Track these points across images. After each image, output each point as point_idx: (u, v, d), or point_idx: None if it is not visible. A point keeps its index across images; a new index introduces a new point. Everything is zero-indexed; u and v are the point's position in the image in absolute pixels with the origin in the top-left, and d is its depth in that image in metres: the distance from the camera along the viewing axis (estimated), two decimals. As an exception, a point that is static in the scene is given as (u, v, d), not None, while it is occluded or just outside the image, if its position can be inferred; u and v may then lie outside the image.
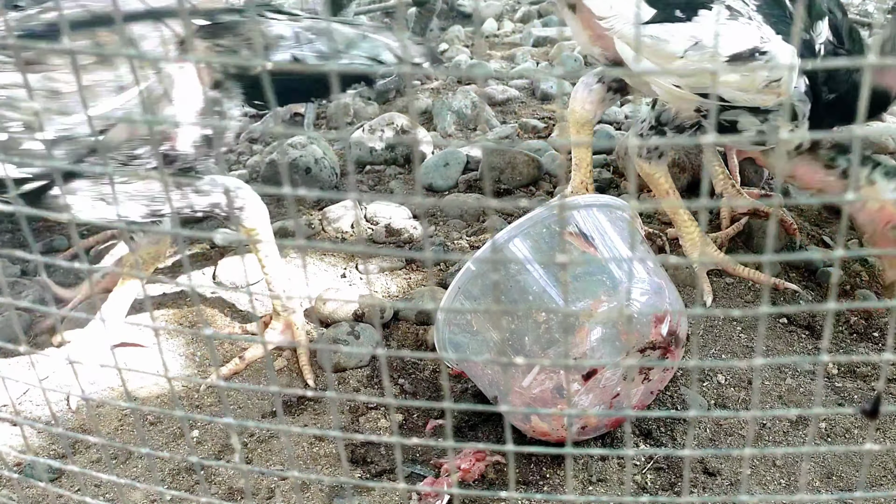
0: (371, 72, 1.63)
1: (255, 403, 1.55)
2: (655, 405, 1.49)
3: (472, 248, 2.03)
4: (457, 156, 2.39)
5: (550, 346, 1.28)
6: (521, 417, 1.36)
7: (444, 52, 3.58)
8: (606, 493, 1.31)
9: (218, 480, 1.37)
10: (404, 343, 1.70)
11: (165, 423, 1.50)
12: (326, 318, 1.72)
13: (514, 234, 1.33)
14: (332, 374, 1.48)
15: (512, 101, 2.93)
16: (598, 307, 1.28)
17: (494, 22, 4.08)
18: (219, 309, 1.82)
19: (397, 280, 1.92)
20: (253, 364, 1.65)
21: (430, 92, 2.96)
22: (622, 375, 1.32)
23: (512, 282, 1.32)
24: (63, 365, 1.58)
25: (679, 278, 1.82)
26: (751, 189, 2.16)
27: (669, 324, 1.33)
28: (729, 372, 1.58)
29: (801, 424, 1.48)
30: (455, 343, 1.38)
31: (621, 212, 1.40)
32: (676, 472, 1.36)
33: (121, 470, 1.39)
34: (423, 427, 1.48)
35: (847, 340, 1.70)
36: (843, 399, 1.54)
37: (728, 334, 1.69)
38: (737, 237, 1.99)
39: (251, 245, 1.60)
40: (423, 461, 1.42)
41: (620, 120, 2.74)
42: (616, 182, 2.33)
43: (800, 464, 1.39)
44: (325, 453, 1.42)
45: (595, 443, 1.43)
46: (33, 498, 1.32)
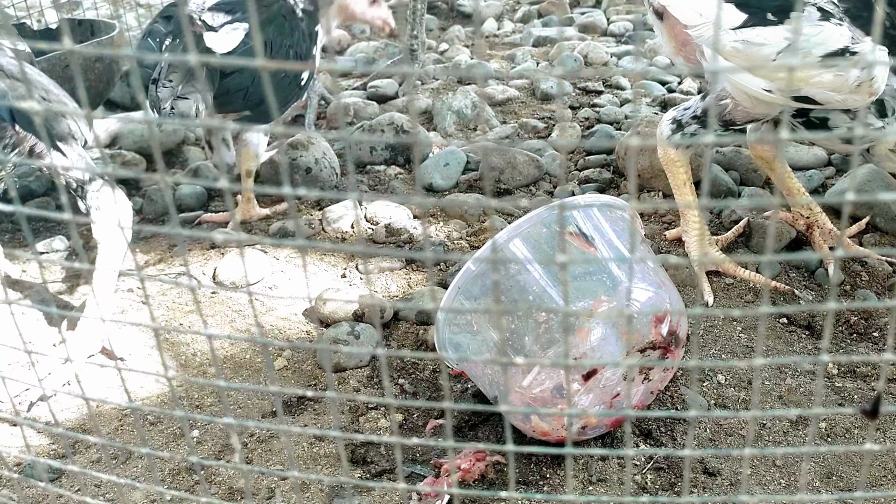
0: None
1: (255, 403, 1.55)
2: (655, 405, 1.49)
3: (472, 248, 2.03)
4: (457, 156, 2.39)
5: (550, 346, 1.28)
6: (521, 417, 1.36)
7: (444, 52, 3.58)
8: (606, 493, 1.31)
9: (218, 480, 1.37)
10: (404, 343, 1.70)
11: (165, 423, 1.50)
12: (326, 318, 1.72)
13: (514, 234, 1.33)
14: (332, 374, 1.48)
15: (512, 101, 2.93)
16: (598, 307, 1.28)
17: (494, 22, 4.08)
18: (219, 309, 1.82)
19: (397, 280, 1.92)
20: (253, 364, 1.65)
21: (430, 92, 2.96)
22: (622, 375, 1.32)
23: (512, 282, 1.32)
24: (61, 364, 1.58)
25: (679, 278, 1.82)
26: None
27: (669, 324, 1.33)
28: (729, 372, 1.58)
29: (801, 424, 1.48)
30: (455, 343, 1.38)
31: (621, 212, 1.40)
32: (676, 472, 1.36)
33: (121, 470, 1.39)
34: (423, 427, 1.48)
35: (847, 340, 1.70)
36: (843, 399, 1.54)
37: (728, 334, 1.69)
38: (737, 237, 1.99)
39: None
40: (423, 461, 1.42)
41: (620, 120, 2.74)
42: (616, 182, 2.33)
43: (800, 464, 1.39)
44: (325, 453, 1.42)
45: (595, 443, 1.43)
46: (33, 498, 1.32)
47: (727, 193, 2.18)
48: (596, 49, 3.34)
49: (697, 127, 1.72)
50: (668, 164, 1.80)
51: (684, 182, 1.79)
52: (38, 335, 1.74)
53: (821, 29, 1.49)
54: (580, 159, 2.49)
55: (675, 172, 1.79)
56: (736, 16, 1.55)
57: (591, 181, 2.34)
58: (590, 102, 2.94)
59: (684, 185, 1.79)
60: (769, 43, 1.51)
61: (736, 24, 1.54)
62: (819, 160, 2.35)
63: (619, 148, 2.37)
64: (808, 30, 1.50)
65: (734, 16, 1.55)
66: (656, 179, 2.23)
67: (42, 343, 1.71)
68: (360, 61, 3.37)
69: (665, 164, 1.80)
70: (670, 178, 1.81)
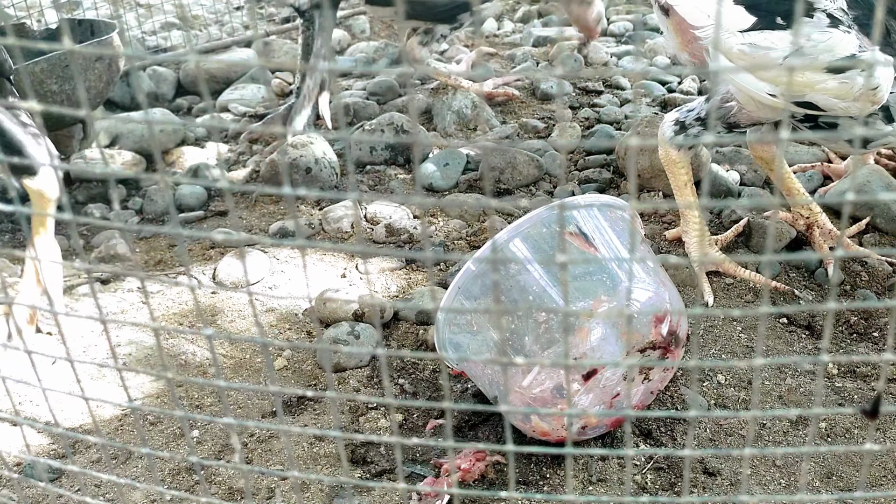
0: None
1: (255, 403, 1.55)
2: (655, 405, 1.49)
3: (472, 248, 2.03)
4: (457, 156, 2.39)
5: (550, 346, 1.28)
6: (521, 417, 1.36)
7: (444, 52, 3.58)
8: (606, 493, 1.31)
9: (218, 480, 1.37)
10: (404, 343, 1.70)
11: (165, 423, 1.50)
12: (326, 318, 1.72)
13: (514, 234, 1.33)
14: (332, 374, 1.48)
15: (512, 101, 2.93)
16: (598, 307, 1.28)
17: (494, 22, 4.08)
18: (219, 309, 1.82)
19: (397, 280, 1.92)
20: (253, 364, 1.65)
21: (430, 92, 2.96)
22: (622, 375, 1.32)
23: (512, 282, 1.32)
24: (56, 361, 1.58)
25: (679, 278, 1.82)
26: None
27: (669, 324, 1.33)
28: (729, 372, 1.58)
29: (801, 424, 1.48)
30: (455, 343, 1.38)
31: (621, 212, 1.40)
32: (676, 472, 1.36)
33: (121, 470, 1.39)
34: (423, 427, 1.48)
35: (847, 340, 1.70)
36: (843, 399, 1.54)
37: (728, 334, 1.69)
38: (736, 237, 1.99)
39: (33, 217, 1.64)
40: (423, 461, 1.42)
41: (620, 120, 2.74)
42: (616, 182, 2.33)
43: (800, 464, 1.39)
44: (325, 453, 1.42)
45: (595, 443, 1.43)
46: (33, 498, 1.32)
47: (727, 193, 2.18)
48: (596, 49, 3.34)
49: (701, 129, 1.72)
50: (669, 165, 1.80)
51: (685, 183, 1.79)
52: (37, 335, 1.74)
53: (829, 35, 1.48)
54: (580, 159, 2.49)
55: (676, 173, 1.79)
56: (745, 18, 1.54)
57: (591, 181, 2.34)
58: (590, 102, 2.93)
59: (685, 186, 1.79)
60: (776, 47, 1.51)
61: (744, 27, 1.54)
62: (819, 160, 2.35)
63: (619, 148, 2.37)
64: (817, 36, 1.49)
65: (743, 18, 1.55)
66: (656, 179, 2.23)
67: (41, 343, 1.71)
68: (360, 61, 3.36)
69: (666, 165, 1.80)
70: (671, 179, 1.81)
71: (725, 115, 1.68)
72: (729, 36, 1.56)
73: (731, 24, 1.56)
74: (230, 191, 1.58)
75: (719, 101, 1.69)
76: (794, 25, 1.51)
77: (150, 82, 3.00)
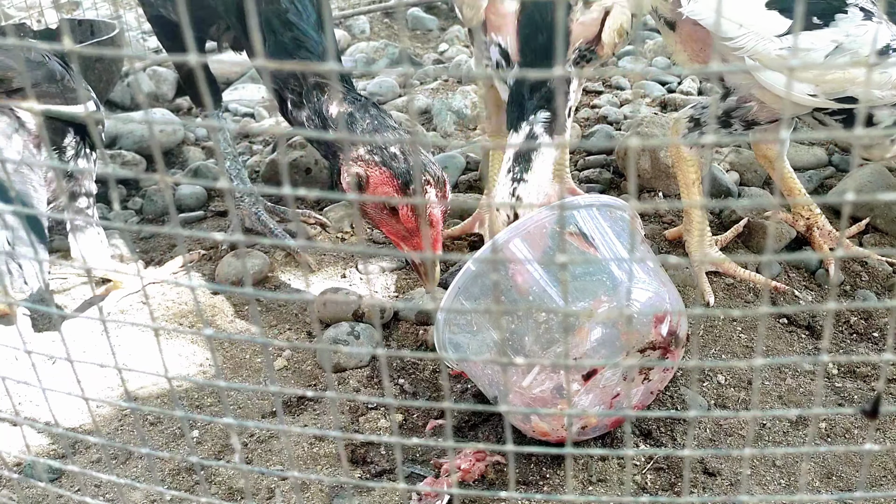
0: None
1: (255, 403, 1.55)
2: (655, 405, 1.49)
3: (471, 248, 2.03)
4: (454, 160, 2.37)
5: (550, 346, 1.28)
6: (521, 417, 1.36)
7: (443, 52, 3.58)
8: (606, 493, 1.31)
9: (218, 480, 1.37)
10: (404, 343, 1.70)
11: (165, 423, 1.50)
12: (326, 318, 1.72)
13: (514, 234, 1.33)
14: (332, 374, 1.48)
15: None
16: (598, 307, 1.28)
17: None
18: (219, 309, 1.82)
19: (397, 280, 1.92)
20: (253, 364, 1.65)
21: (430, 92, 2.96)
22: (622, 375, 1.32)
23: (512, 282, 1.32)
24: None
25: (679, 278, 1.81)
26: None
27: (669, 324, 1.33)
28: (729, 372, 1.58)
29: (801, 424, 1.48)
30: (455, 343, 1.38)
31: (621, 212, 1.39)
32: (676, 472, 1.36)
33: (121, 470, 1.39)
34: (423, 427, 1.48)
35: (847, 340, 1.70)
36: (843, 399, 1.54)
37: (728, 334, 1.69)
38: (736, 237, 1.99)
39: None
40: (423, 461, 1.42)
41: (620, 120, 2.74)
42: (616, 182, 2.33)
43: (800, 464, 1.39)
44: (325, 453, 1.42)
45: (595, 443, 1.43)
46: (33, 498, 1.32)
47: (727, 194, 2.18)
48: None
49: (717, 127, 1.71)
50: (679, 162, 1.78)
51: (693, 181, 1.78)
52: (37, 335, 1.74)
53: (865, 29, 1.48)
54: (580, 159, 2.49)
55: (685, 171, 1.78)
56: (780, 22, 1.53)
57: (592, 181, 2.34)
58: (590, 102, 2.93)
59: (693, 185, 1.78)
60: (816, 47, 1.50)
61: (781, 32, 1.53)
62: (819, 161, 2.36)
63: (619, 148, 2.37)
64: (854, 30, 1.49)
65: (778, 23, 1.53)
66: (656, 180, 2.23)
67: (42, 343, 1.71)
68: (360, 61, 3.36)
69: (676, 162, 1.79)
70: (679, 177, 1.80)
71: (744, 114, 1.68)
72: (765, 42, 1.54)
73: (765, 30, 1.54)
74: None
75: (736, 100, 1.69)
76: (831, 24, 1.51)
77: (150, 82, 3.00)
